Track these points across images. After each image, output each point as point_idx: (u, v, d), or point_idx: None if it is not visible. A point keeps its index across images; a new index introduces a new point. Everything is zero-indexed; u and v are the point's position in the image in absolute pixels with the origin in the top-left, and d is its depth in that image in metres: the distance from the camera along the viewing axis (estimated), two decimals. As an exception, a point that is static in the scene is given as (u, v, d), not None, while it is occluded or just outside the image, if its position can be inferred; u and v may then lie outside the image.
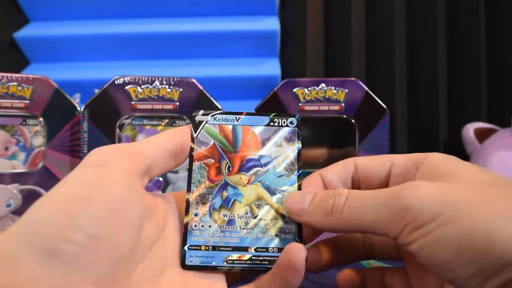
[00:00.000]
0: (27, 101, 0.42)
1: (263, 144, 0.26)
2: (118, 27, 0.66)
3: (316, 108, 0.44)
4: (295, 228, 0.24)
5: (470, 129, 0.66)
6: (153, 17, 0.67)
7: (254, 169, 0.25)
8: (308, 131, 0.48)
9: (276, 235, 0.24)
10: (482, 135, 0.65)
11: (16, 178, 0.41)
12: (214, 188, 0.25)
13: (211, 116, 0.26)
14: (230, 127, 0.26)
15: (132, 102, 0.43)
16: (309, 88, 0.44)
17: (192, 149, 0.26)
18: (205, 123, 0.26)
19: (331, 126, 0.48)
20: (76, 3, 0.66)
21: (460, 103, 0.73)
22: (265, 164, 0.26)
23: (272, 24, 0.66)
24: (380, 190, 0.21)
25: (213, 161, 0.26)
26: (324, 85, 0.44)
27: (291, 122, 0.27)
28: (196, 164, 0.25)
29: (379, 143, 0.45)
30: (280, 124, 0.27)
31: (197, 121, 0.26)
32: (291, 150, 0.26)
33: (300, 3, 0.71)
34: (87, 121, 0.42)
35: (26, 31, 0.66)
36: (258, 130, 0.26)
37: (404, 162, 0.23)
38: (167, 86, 0.43)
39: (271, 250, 0.24)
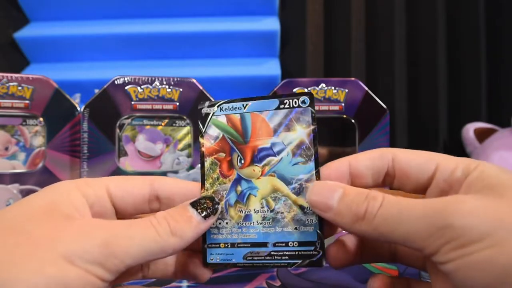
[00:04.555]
0: (27, 101, 0.42)
1: (275, 130, 0.24)
2: (118, 27, 0.66)
3: (316, 108, 0.44)
4: (316, 220, 0.23)
5: (470, 129, 0.66)
6: (153, 17, 0.67)
7: (267, 159, 0.24)
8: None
9: (295, 228, 0.23)
10: (482, 135, 0.65)
11: (16, 178, 0.41)
12: (228, 184, 0.24)
13: (217, 106, 0.25)
14: (238, 116, 0.24)
15: (132, 102, 0.43)
16: (309, 88, 0.44)
17: (202, 145, 0.25)
18: (212, 115, 0.25)
19: (331, 126, 0.48)
20: (76, 3, 0.66)
21: (460, 103, 0.73)
22: (278, 152, 0.24)
23: (272, 24, 0.66)
24: (420, 200, 0.19)
25: (224, 155, 0.24)
26: (324, 85, 0.44)
27: (303, 102, 0.24)
28: (207, 160, 0.24)
29: (379, 143, 0.45)
30: (291, 106, 0.24)
31: (203, 114, 0.25)
32: (306, 134, 0.24)
33: (300, 3, 0.71)
34: (87, 121, 0.42)
35: (26, 31, 0.66)
36: (268, 115, 0.24)
37: (453, 166, 0.21)
38: (167, 86, 0.43)
39: (290, 244, 0.23)
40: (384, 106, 0.45)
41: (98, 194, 0.22)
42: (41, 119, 0.43)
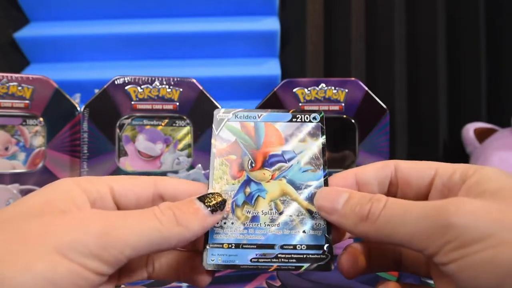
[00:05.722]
0: (27, 101, 0.42)
1: (286, 140, 0.25)
2: (118, 27, 0.66)
3: (316, 108, 0.44)
4: (324, 224, 0.23)
5: (470, 129, 0.66)
6: (153, 17, 0.67)
7: (278, 165, 0.25)
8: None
9: (304, 232, 0.23)
10: (482, 135, 0.65)
11: (16, 178, 0.41)
12: (237, 185, 0.24)
13: (232, 114, 0.26)
14: (252, 124, 0.26)
15: (132, 102, 0.43)
16: (309, 88, 0.44)
17: (213, 146, 0.25)
18: (227, 120, 0.26)
19: (331, 126, 0.48)
20: (76, 3, 0.66)
21: (460, 103, 0.73)
22: (289, 160, 0.25)
23: (272, 24, 0.66)
24: (422, 202, 0.20)
25: (235, 157, 0.25)
26: (324, 85, 0.44)
27: (314, 118, 0.26)
28: (217, 161, 0.25)
29: (379, 143, 0.45)
30: (303, 120, 0.26)
31: (218, 119, 0.26)
32: (316, 145, 0.25)
33: (300, 3, 0.71)
34: (87, 121, 0.42)
35: (26, 31, 0.66)
36: (280, 126, 0.26)
37: (450, 172, 0.21)
38: (167, 86, 0.43)
39: (298, 247, 0.23)
40: (384, 106, 0.45)
41: (100, 192, 0.21)
42: (41, 119, 0.43)
